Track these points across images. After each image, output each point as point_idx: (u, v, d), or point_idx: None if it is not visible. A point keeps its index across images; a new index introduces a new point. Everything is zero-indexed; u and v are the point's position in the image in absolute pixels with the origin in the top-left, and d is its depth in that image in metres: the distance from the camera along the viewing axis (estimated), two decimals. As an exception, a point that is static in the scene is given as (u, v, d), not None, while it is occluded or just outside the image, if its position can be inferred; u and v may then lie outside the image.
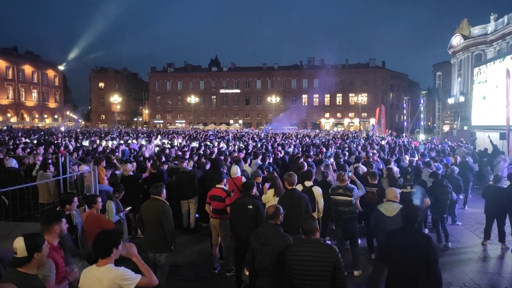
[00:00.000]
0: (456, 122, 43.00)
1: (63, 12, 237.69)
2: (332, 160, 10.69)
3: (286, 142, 18.54)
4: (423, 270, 3.71)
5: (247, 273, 5.76)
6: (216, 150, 14.15)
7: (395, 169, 9.17)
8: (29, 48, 70.00)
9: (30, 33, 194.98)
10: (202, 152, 13.11)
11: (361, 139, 24.90)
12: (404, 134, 35.67)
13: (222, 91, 74.31)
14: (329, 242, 6.01)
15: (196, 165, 9.63)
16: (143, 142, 17.64)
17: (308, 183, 6.32)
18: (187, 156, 10.61)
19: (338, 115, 69.83)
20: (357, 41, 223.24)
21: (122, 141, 19.03)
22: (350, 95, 69.22)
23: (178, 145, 17.20)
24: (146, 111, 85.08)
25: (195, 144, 17.99)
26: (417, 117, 38.44)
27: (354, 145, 17.55)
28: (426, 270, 3.72)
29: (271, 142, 19.62)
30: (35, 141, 19.24)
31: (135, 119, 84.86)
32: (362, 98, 66.31)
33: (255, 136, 29.33)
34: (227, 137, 25.76)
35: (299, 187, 6.22)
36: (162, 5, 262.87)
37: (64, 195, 4.68)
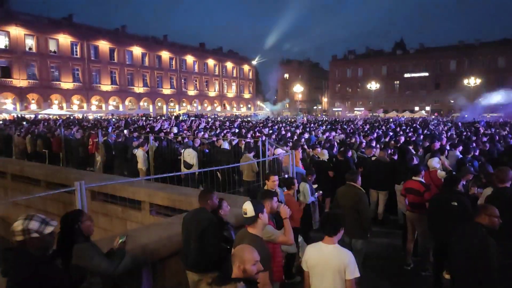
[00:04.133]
0: None
1: (258, 13, 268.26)
2: None
3: (496, 131, 15.45)
4: None
5: (447, 276, 5.17)
6: (402, 138, 13.18)
7: None
8: (231, 47, 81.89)
9: (232, 35, 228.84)
10: (387, 140, 12.44)
11: None
12: None
13: (406, 75, 68.37)
14: None
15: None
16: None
17: None
18: (374, 144, 10.25)
19: None
20: None
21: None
22: None
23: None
24: (325, 99, 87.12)
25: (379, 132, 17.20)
26: None
27: None
28: None
29: (471, 131, 16.80)
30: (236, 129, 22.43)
31: (315, 107, 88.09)
32: None
33: (448, 123, 25.76)
34: (414, 125, 23.53)
35: None
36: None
37: (266, 174, 5.28)
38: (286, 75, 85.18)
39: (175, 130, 16.99)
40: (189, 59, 66.23)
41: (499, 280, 3.32)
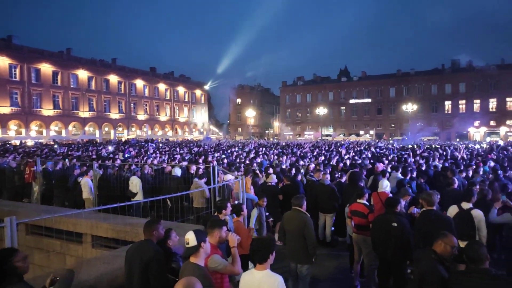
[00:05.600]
0: None
1: (207, 38, 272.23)
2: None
3: (430, 154, 16.71)
4: None
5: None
6: (348, 161, 13.80)
7: None
8: (182, 72, 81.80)
9: (184, 59, 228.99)
10: (335, 164, 12.94)
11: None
12: None
13: (351, 101, 72.42)
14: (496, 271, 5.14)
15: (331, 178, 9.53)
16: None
17: (466, 205, 5.50)
18: (321, 167, 10.62)
19: (492, 123, 59.72)
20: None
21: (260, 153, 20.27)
22: (507, 99, 58.66)
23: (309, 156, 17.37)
24: (276, 124, 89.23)
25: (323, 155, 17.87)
26: None
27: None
28: None
29: (409, 153, 18.04)
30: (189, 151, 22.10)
31: (267, 131, 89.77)
32: (525, 102, 55.28)
33: (389, 146, 27.44)
34: (358, 148, 24.79)
35: (454, 209, 5.51)
36: (291, 22, 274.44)
37: (219, 202, 5.24)
38: (239, 100, 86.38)
39: (121, 156, 16.39)
40: (139, 83, 64.93)
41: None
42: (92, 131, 56.60)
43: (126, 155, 18.24)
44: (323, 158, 16.21)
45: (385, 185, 6.90)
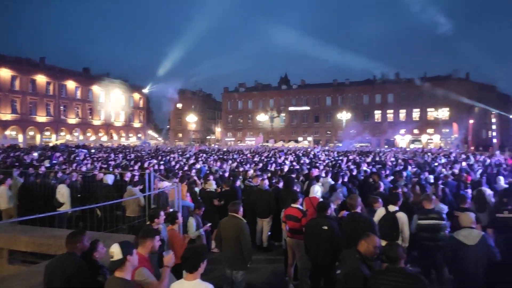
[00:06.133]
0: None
1: (146, 40, 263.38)
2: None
3: (360, 159, 17.82)
4: None
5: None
6: (286, 167, 14.19)
7: (488, 191, 8.25)
8: (119, 74, 78.16)
9: (121, 61, 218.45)
10: (274, 170, 13.22)
11: (441, 157, 22.89)
12: (497, 152, 31.97)
13: (291, 108, 74.75)
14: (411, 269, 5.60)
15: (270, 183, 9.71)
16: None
17: (392, 208, 5.89)
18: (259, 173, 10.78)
19: (415, 131, 65.49)
20: (436, 53, 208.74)
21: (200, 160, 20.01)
22: (428, 110, 64.76)
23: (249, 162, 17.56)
24: (218, 129, 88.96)
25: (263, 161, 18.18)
26: (508, 133, 34.44)
27: (436, 164, 16.26)
28: None
29: (343, 159, 19.07)
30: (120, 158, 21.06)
31: (208, 137, 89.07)
32: (443, 113, 61.40)
33: (323, 153, 28.75)
34: (294, 154, 25.62)
35: (382, 211, 5.91)
36: (234, 29, 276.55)
37: (152, 210, 5.06)
38: (179, 105, 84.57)
39: (47, 163, 15.13)
40: (71, 84, 60.63)
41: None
42: (15, 135, 51.55)
43: (53, 162, 16.88)
44: (262, 164, 16.47)
45: (316, 191, 7.21)
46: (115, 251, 2.98)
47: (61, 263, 3.35)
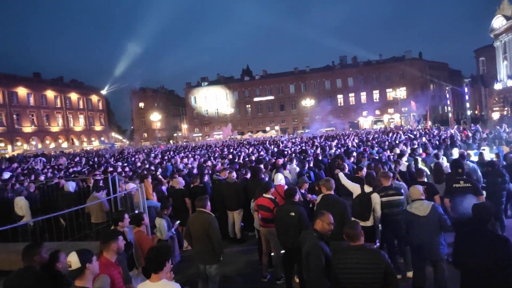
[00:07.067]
0: (506, 109, 40.23)
1: (102, 39, 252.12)
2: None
3: (326, 144, 18.20)
4: (500, 276, 3.30)
5: (297, 280, 5.71)
6: (254, 158, 14.24)
7: (444, 164, 8.70)
8: (74, 76, 74.69)
9: (74, 62, 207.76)
10: (242, 162, 13.22)
11: (400, 134, 23.84)
12: (456, 126, 33.74)
13: (256, 99, 74.91)
14: (378, 244, 5.83)
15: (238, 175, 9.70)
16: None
17: (368, 188, 6.03)
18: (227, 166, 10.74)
19: (377, 112, 67.76)
20: (390, 34, 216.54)
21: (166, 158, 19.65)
22: (387, 90, 67.10)
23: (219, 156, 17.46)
24: (184, 126, 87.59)
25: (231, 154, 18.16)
26: (462, 107, 36.45)
27: (397, 141, 16.92)
28: (504, 276, 3.30)
29: (310, 145, 19.42)
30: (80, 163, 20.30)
31: (175, 134, 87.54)
32: (401, 93, 63.87)
33: (292, 140, 29.13)
34: (264, 145, 25.78)
35: (357, 191, 6.06)
36: (193, 23, 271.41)
37: (115, 214, 4.91)
38: (141, 104, 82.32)
39: (5, 175, 14.25)
40: (22, 91, 57.27)
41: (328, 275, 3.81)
42: (-36, 149, 48.28)
43: (11, 174, 15.93)
44: (231, 156, 16.44)
45: (280, 178, 7.31)
46: (73, 260, 2.91)
47: (19, 278, 3.19)
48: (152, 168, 13.78)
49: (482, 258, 3.36)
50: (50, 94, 62.55)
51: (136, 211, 5.94)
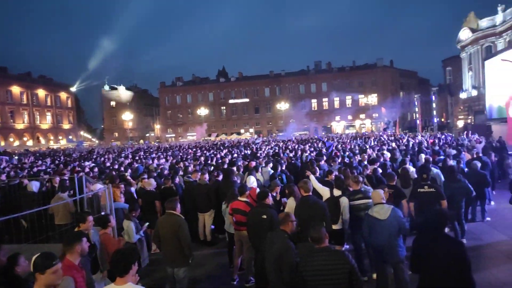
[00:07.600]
0: (470, 117, 42.25)
1: (73, 34, 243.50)
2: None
3: (299, 147, 18.41)
4: (456, 278, 3.43)
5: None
6: (227, 160, 14.18)
7: (411, 169, 8.99)
8: (42, 72, 71.77)
9: (43, 57, 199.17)
10: (215, 164, 13.14)
11: (371, 140, 24.49)
12: (425, 133, 35.00)
13: (231, 101, 74.80)
14: (347, 246, 5.96)
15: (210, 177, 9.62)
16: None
17: (337, 192, 6.14)
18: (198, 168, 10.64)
19: (349, 117, 69.32)
20: (363, 42, 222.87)
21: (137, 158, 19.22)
22: (359, 96, 68.79)
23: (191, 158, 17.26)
24: (157, 126, 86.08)
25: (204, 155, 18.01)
26: (429, 114, 37.97)
27: (368, 146, 17.35)
28: (460, 278, 3.43)
29: (283, 148, 19.56)
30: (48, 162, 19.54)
31: (147, 134, 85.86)
32: (372, 99, 65.69)
33: (266, 143, 29.24)
34: (238, 147, 25.75)
35: (326, 195, 6.15)
36: (168, 22, 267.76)
37: (78, 215, 4.76)
38: (113, 103, 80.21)
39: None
40: (-15, 85, 54.61)
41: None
42: None
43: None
44: (203, 158, 16.28)
45: (252, 181, 7.30)
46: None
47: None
48: (122, 168, 13.43)
49: (438, 261, 3.47)
50: (16, 89, 59.94)
51: (103, 213, 5.77)
